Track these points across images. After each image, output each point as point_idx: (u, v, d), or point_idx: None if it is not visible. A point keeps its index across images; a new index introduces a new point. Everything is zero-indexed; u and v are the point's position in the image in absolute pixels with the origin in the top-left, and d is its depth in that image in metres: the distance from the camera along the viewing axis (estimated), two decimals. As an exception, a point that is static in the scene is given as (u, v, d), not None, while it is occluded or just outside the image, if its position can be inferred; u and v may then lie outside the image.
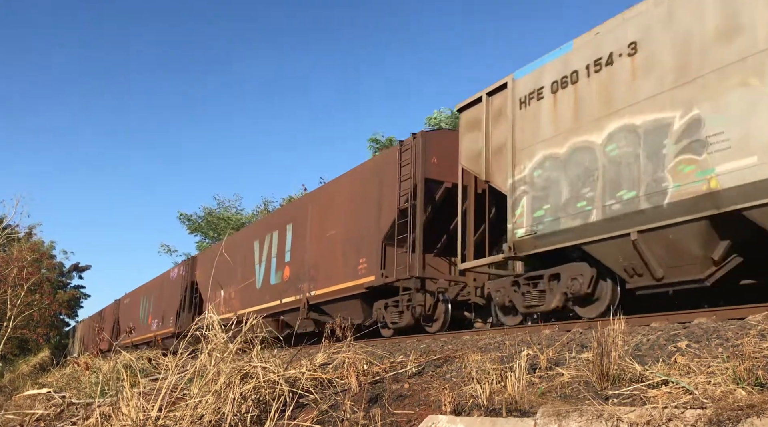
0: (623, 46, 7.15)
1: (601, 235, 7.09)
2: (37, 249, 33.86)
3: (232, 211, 36.00)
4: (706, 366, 3.97)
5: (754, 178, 5.72)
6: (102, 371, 8.57)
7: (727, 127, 6.00)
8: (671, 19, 6.69)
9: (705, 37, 6.36)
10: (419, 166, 10.28)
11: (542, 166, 7.96)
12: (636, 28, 7.05)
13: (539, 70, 8.21)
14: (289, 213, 14.86)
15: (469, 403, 4.50)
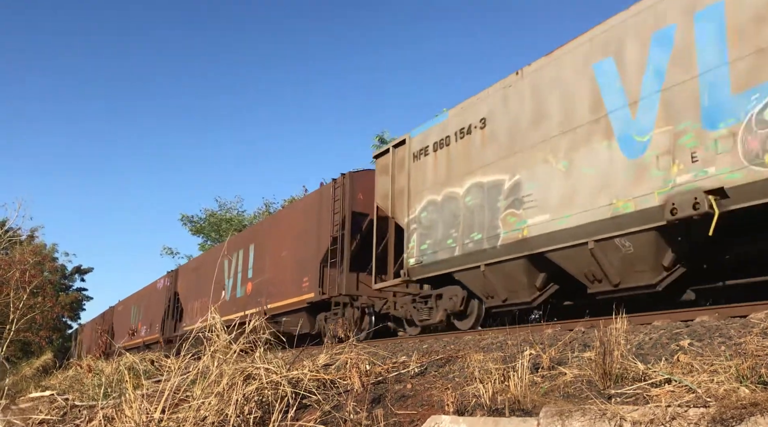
0: (477, 120, 9.24)
1: (462, 266, 9.13)
2: (40, 252, 33.89)
3: (234, 213, 36.04)
4: (709, 364, 3.97)
5: (548, 230, 7.70)
6: (104, 373, 8.58)
7: (535, 190, 8.01)
8: (506, 103, 8.76)
9: (525, 120, 8.40)
10: (347, 201, 12.47)
11: (426, 209, 10.01)
12: (486, 107, 9.11)
13: (426, 132, 10.34)
14: (251, 235, 17.07)
15: (471, 403, 4.50)
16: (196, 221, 36.14)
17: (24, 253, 28.31)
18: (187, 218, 36.44)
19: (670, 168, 6.48)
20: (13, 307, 25.63)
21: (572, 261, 7.58)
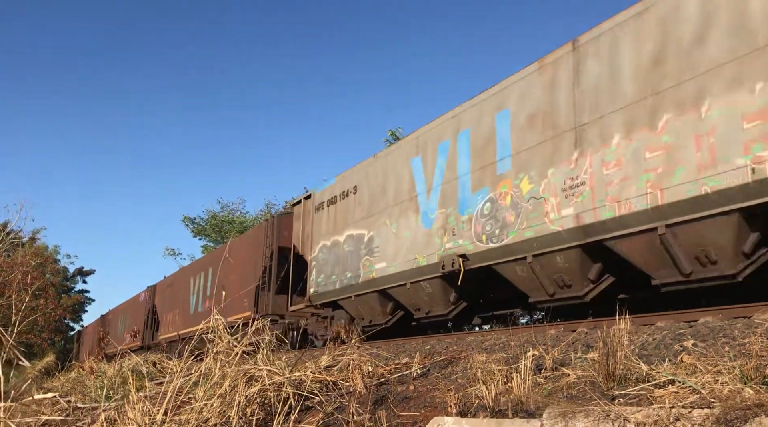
0: (352, 187, 12.22)
1: (342, 296, 11.81)
2: (41, 254, 33.92)
3: (236, 214, 36.05)
4: (713, 365, 3.96)
5: (386, 274, 10.61)
6: (107, 375, 8.57)
7: (380, 244, 10.91)
8: (367, 177, 11.73)
9: (377, 191, 11.36)
10: (275, 238, 15.28)
11: (322, 251, 12.88)
12: (356, 178, 12.08)
13: (323, 191, 13.32)
14: (211, 259, 20.12)
15: (474, 404, 4.49)
16: (198, 222, 36.17)
17: (26, 255, 28.32)
18: (190, 219, 36.46)
19: (443, 237, 9.42)
20: (16, 309, 25.63)
21: (402, 295, 10.32)
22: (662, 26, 6.58)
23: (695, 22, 6.27)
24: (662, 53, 6.55)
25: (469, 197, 8.98)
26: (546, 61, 8.05)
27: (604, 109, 7.12)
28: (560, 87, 7.76)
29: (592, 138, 7.20)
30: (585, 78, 7.44)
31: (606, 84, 7.14)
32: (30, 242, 33.61)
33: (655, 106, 6.53)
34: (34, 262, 28.36)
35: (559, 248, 7.51)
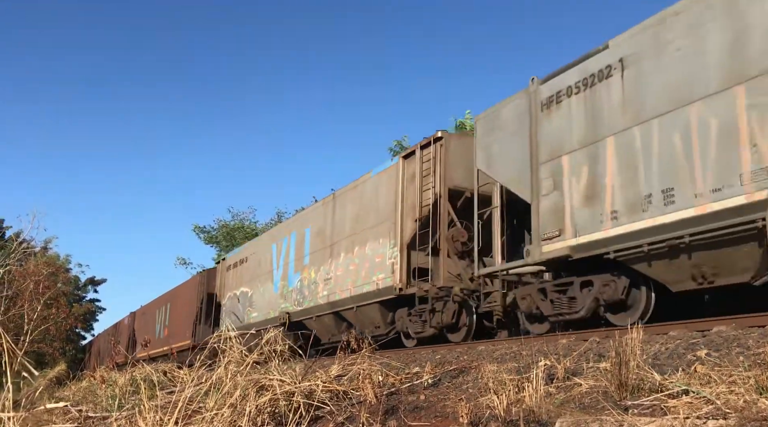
0: (245, 256, 18.81)
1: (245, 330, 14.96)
2: (53, 263, 34.10)
3: (247, 223, 36.18)
4: (728, 375, 3.92)
5: (257, 320, 16.48)
6: (118, 384, 8.59)
7: (255, 300, 17.17)
8: (254, 251, 18.25)
9: (254, 265, 17.78)
10: (204, 287, 21.21)
11: (229, 299, 19.42)
12: (249, 250, 18.82)
13: (233, 256, 20.22)
14: (169, 296, 25.90)
15: (486, 414, 4.46)
16: (209, 231, 36.32)
17: (38, 264, 28.51)
18: (200, 228, 36.62)
19: (281, 300, 15.60)
20: (28, 318, 25.77)
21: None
22: (360, 196, 12.95)
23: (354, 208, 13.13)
24: (360, 212, 12.81)
25: (292, 276, 15.30)
26: (325, 200, 14.57)
27: (339, 236, 13.40)
28: (327, 217, 14.10)
29: (335, 252, 13.45)
30: (336, 214, 13.77)
31: (340, 221, 13.47)
32: (42, 251, 33.83)
33: (354, 240, 12.71)
34: (46, 271, 28.53)
35: (324, 313, 13.61)
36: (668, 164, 6.86)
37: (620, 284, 7.59)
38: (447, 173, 10.46)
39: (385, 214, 11.71)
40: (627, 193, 7.27)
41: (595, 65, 7.90)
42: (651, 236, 6.91)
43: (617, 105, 7.53)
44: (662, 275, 7.15)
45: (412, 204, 11.00)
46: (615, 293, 7.61)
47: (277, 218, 34.53)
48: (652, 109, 7.11)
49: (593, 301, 7.81)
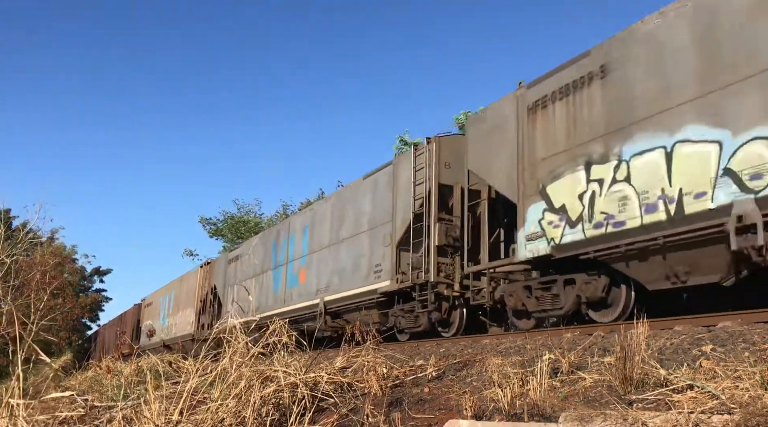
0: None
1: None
2: (60, 253, 34.27)
3: (252, 216, 36.22)
4: (733, 370, 3.91)
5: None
6: (123, 374, 8.63)
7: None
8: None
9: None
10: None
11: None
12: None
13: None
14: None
15: (490, 407, 4.47)
16: (215, 223, 36.37)
17: (44, 254, 28.66)
18: (207, 219, 36.68)
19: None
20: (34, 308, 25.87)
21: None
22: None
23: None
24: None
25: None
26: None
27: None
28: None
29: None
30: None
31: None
32: (48, 241, 33.99)
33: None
34: (53, 261, 28.67)
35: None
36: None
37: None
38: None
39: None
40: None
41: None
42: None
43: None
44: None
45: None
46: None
47: (283, 211, 34.55)
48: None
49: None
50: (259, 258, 17.60)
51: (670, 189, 6.77)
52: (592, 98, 7.88)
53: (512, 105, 9.22)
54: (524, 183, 8.77)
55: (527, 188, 8.71)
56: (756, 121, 6.10)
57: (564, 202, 8.09)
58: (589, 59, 7.99)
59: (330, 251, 13.69)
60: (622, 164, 7.33)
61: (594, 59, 7.90)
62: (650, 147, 7.04)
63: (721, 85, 6.43)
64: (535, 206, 8.53)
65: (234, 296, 18.55)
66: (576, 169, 7.96)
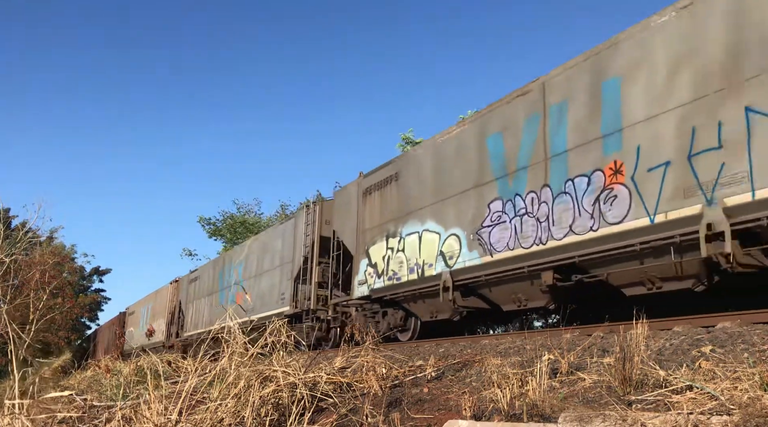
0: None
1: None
2: (59, 253, 34.23)
3: (252, 216, 36.21)
4: (732, 371, 3.91)
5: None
6: (123, 374, 8.63)
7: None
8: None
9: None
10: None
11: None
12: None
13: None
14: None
15: (489, 408, 4.46)
16: (214, 223, 36.35)
17: (44, 254, 28.62)
18: (205, 220, 36.67)
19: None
20: (33, 307, 25.85)
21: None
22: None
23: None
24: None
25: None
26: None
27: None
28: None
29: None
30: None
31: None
32: (48, 241, 33.93)
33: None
34: (52, 261, 28.63)
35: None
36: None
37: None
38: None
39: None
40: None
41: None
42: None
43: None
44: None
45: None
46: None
47: (282, 211, 34.55)
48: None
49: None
50: (209, 281, 21.86)
51: (419, 259, 10.55)
52: (391, 193, 11.76)
53: (355, 188, 13.17)
54: (358, 244, 12.60)
55: (359, 248, 12.53)
56: (452, 224, 9.94)
57: (376, 260, 11.85)
58: (392, 166, 11.88)
59: (255, 280, 17.86)
60: (402, 240, 11.13)
61: (394, 167, 11.82)
62: (414, 231, 10.87)
63: (441, 198, 10.28)
64: (363, 261, 12.31)
65: (192, 311, 23.00)
66: (382, 239, 11.76)
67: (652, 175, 6.87)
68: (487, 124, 9.50)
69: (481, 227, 9.26)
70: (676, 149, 6.66)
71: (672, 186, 6.66)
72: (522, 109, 8.84)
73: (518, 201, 8.65)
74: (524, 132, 8.77)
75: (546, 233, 8.11)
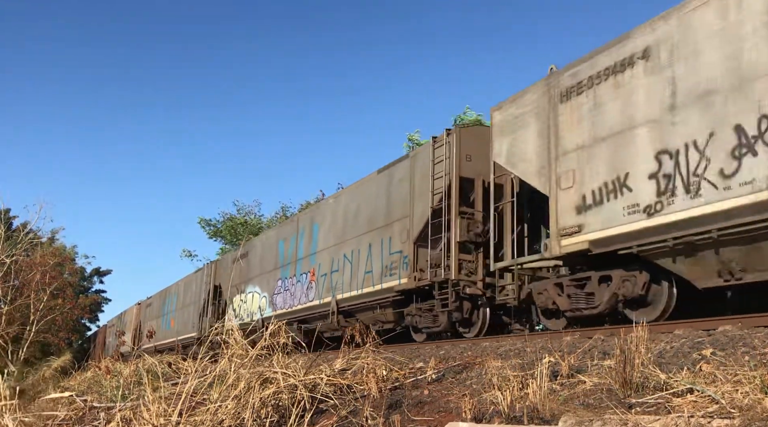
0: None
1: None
2: (60, 254, 34.25)
3: (252, 217, 36.23)
4: (733, 375, 3.90)
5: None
6: (123, 375, 8.62)
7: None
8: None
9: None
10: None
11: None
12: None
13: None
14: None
15: (489, 410, 4.46)
16: (214, 225, 36.37)
17: (45, 255, 28.65)
18: (206, 221, 36.69)
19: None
20: (34, 308, 25.92)
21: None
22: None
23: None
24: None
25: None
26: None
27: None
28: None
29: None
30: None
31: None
32: (49, 242, 33.97)
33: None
34: (53, 262, 28.66)
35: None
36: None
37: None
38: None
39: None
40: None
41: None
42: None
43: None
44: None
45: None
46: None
47: (282, 212, 34.57)
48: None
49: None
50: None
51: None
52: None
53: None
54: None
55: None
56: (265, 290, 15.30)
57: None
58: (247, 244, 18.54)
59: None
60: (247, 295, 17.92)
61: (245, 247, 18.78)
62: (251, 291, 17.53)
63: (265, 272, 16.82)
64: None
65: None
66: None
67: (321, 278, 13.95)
68: (281, 232, 17.03)
69: (274, 293, 16.08)
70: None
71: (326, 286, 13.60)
72: (290, 228, 16.35)
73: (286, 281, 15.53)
74: (291, 242, 15.81)
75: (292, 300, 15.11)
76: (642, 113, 7.20)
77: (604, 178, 7.55)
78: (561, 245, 8.04)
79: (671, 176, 6.78)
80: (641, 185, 7.06)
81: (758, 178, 5.95)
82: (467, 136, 10.73)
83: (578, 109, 8.07)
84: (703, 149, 6.51)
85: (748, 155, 6.08)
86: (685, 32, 6.87)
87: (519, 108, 9.20)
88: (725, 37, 6.46)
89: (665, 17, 7.15)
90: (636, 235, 7.06)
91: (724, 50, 6.46)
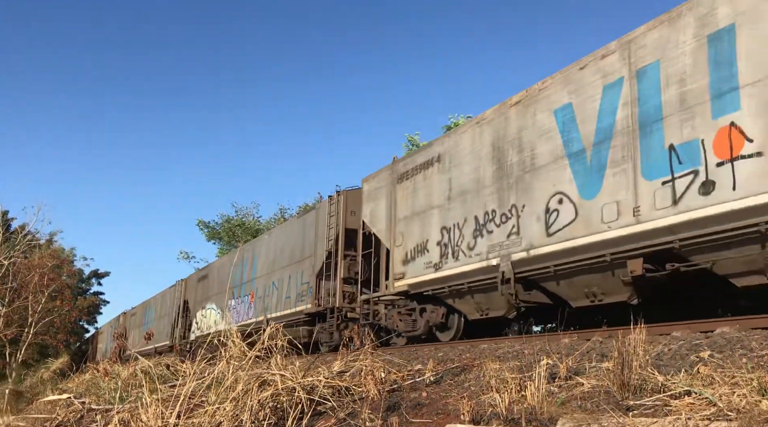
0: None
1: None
2: (58, 256, 34.18)
3: (250, 219, 36.21)
4: (730, 377, 3.90)
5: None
6: (121, 377, 8.61)
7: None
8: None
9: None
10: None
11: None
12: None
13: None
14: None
15: (487, 412, 4.46)
16: (212, 227, 36.35)
17: (43, 257, 28.58)
18: (204, 223, 36.66)
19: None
20: (32, 310, 25.86)
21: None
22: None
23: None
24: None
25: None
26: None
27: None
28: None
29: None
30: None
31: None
32: (47, 243, 33.92)
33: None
34: (51, 264, 28.60)
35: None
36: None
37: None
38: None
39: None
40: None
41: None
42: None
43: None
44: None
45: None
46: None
47: (280, 214, 34.57)
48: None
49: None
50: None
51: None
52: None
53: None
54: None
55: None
56: (220, 308, 16.71)
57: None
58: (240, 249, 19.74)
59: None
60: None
61: (205, 270, 21.59)
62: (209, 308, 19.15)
63: (220, 292, 18.07)
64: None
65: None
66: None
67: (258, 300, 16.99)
68: (231, 259, 18.61)
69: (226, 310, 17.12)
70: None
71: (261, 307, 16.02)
72: (239, 256, 17.95)
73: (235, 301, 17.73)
74: (238, 268, 17.97)
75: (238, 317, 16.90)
76: (435, 199, 10.53)
77: (416, 241, 10.88)
78: (395, 285, 11.45)
79: (447, 245, 10.05)
80: (433, 248, 10.38)
81: (482, 251, 9.22)
82: (352, 197, 13.94)
83: (406, 190, 11.50)
84: (462, 229, 9.75)
85: (479, 236, 9.37)
86: (456, 148, 10.12)
87: (377, 183, 12.57)
88: (473, 156, 9.73)
89: (450, 135, 10.57)
90: (430, 282, 10.35)
91: (472, 165, 9.73)
